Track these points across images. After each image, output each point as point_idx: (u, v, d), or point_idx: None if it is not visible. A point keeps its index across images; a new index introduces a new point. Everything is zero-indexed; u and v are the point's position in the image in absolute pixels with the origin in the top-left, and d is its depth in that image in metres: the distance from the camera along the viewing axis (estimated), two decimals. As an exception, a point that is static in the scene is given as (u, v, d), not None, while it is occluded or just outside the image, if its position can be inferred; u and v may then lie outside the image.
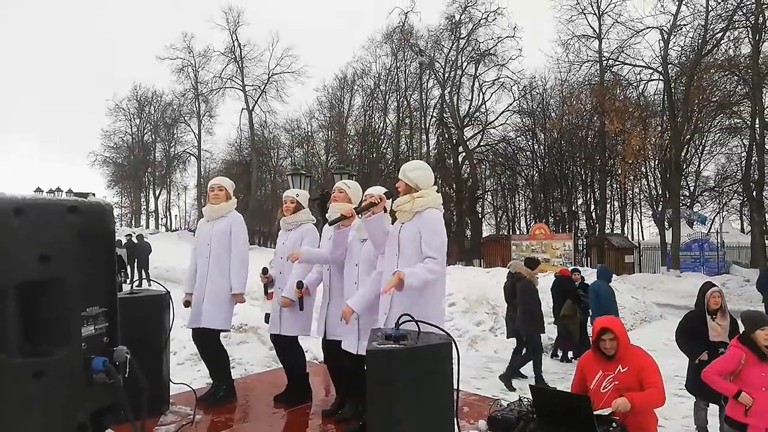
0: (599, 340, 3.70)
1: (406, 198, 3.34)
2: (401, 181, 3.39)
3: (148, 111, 48.05)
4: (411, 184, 3.36)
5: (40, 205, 1.50)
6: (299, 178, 13.69)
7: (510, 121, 34.76)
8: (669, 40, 25.30)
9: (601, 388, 3.64)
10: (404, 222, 3.34)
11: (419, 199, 3.31)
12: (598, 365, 3.72)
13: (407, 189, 3.37)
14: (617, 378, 3.60)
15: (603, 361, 3.70)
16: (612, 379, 3.62)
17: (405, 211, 3.32)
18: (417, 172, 3.40)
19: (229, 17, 39.76)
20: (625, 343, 3.65)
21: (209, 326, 4.31)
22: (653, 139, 26.90)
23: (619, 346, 3.63)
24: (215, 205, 4.38)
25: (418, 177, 3.37)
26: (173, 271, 19.83)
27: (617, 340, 3.63)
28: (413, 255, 3.23)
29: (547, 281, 11.63)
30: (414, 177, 3.37)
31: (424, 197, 3.32)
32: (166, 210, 52.99)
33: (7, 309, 1.41)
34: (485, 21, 32.69)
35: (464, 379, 2.80)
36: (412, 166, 3.45)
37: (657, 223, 29.59)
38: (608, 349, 3.65)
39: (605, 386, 3.63)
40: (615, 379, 3.60)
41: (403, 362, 2.49)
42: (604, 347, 3.67)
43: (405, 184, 3.37)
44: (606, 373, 3.66)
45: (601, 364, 3.70)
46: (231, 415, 4.26)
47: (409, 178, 3.37)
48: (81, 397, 1.51)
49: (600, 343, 3.69)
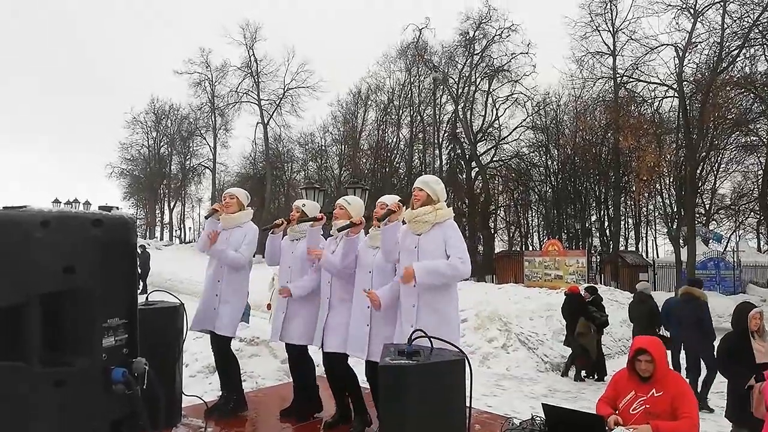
0: (635, 360, 3.56)
1: (427, 209, 3.37)
2: (422, 192, 3.42)
3: (165, 124, 48.66)
4: (433, 196, 3.41)
5: (66, 218, 1.55)
6: (313, 191, 13.78)
7: (523, 136, 34.74)
8: (684, 57, 25.18)
9: (630, 409, 3.52)
10: (421, 233, 3.36)
11: (440, 211, 3.36)
12: (632, 385, 3.58)
13: (428, 200, 3.40)
14: (649, 401, 3.47)
15: (637, 381, 3.56)
16: (644, 401, 3.48)
17: (425, 222, 3.34)
18: (440, 186, 3.48)
19: (246, 33, 40.32)
20: (662, 367, 3.51)
21: (221, 333, 4.36)
22: (668, 156, 26.68)
23: (656, 369, 3.48)
24: (231, 214, 4.45)
25: (440, 190, 3.45)
26: (187, 282, 19.97)
27: (654, 362, 3.48)
28: None
29: (558, 299, 11.57)
30: (437, 190, 3.44)
31: (443, 209, 3.38)
32: (180, 222, 53.44)
33: (31, 318, 1.45)
34: (499, 37, 32.81)
35: (476, 396, 2.80)
36: (435, 179, 3.52)
37: (672, 240, 29.25)
38: (643, 370, 3.51)
39: (635, 408, 3.51)
40: (647, 402, 3.47)
41: (416, 378, 2.50)
42: (640, 368, 3.53)
43: (426, 195, 3.41)
44: (639, 394, 3.52)
45: (636, 385, 3.57)
46: (242, 428, 4.27)
47: (433, 190, 3.43)
48: (100, 407, 1.54)
49: (636, 363, 3.55)
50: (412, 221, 3.40)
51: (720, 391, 6.93)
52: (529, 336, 11.29)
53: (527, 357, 10.51)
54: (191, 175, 48.43)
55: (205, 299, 4.44)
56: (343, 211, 4.07)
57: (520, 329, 11.40)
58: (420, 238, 3.35)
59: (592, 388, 8.89)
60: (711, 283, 23.96)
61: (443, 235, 3.30)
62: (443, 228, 3.33)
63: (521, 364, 10.27)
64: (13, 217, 1.49)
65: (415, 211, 3.39)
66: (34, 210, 1.53)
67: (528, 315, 12.26)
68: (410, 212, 3.43)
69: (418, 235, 3.37)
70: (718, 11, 24.13)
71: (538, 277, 22.82)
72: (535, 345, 11.01)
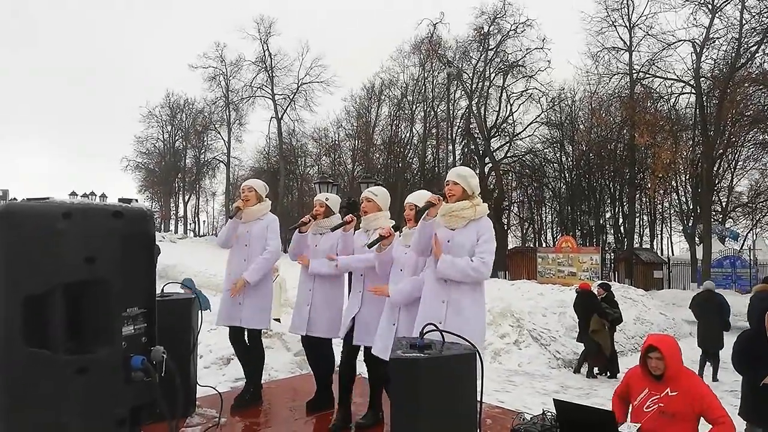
0: (646, 357, 3.52)
1: (466, 204, 3.23)
2: (457, 186, 3.27)
3: (180, 118, 49.06)
4: (469, 191, 3.27)
5: (87, 210, 1.58)
6: (326, 186, 13.81)
7: (537, 132, 34.56)
8: (701, 53, 24.87)
9: (644, 407, 3.48)
10: (455, 228, 3.24)
11: (479, 207, 3.24)
12: (645, 383, 3.54)
13: (464, 195, 3.27)
14: (663, 400, 3.42)
15: (651, 379, 3.51)
16: (657, 400, 3.44)
17: (462, 218, 3.22)
18: (475, 179, 3.32)
19: (261, 27, 40.51)
20: (675, 366, 3.44)
21: (251, 326, 4.39)
22: (684, 153, 26.40)
23: (668, 367, 3.42)
24: (251, 207, 4.46)
25: (475, 185, 3.30)
26: (201, 275, 20.15)
27: (664, 360, 3.42)
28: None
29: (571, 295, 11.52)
30: (473, 184, 3.29)
31: (481, 205, 3.26)
32: (194, 215, 53.89)
33: (54, 307, 1.49)
34: (514, 32, 32.64)
35: (487, 392, 2.80)
36: (470, 172, 3.36)
37: (687, 238, 28.97)
38: (654, 368, 3.47)
39: (649, 406, 3.46)
40: (661, 401, 3.42)
41: (428, 371, 2.51)
42: (651, 366, 3.49)
43: (462, 189, 3.27)
44: (652, 392, 3.48)
45: (649, 383, 3.52)
46: (256, 419, 4.31)
47: (469, 184, 3.28)
48: (120, 394, 1.58)
49: (647, 360, 3.51)
50: (447, 215, 3.25)
51: (734, 390, 6.88)
52: (542, 332, 11.26)
53: (539, 353, 10.49)
54: (206, 168, 48.81)
55: (229, 294, 4.42)
56: (371, 203, 4.03)
57: (533, 325, 11.38)
58: (454, 233, 3.23)
59: (604, 385, 8.86)
60: (727, 281, 23.71)
61: (477, 233, 3.19)
62: (478, 225, 3.21)
63: (533, 360, 10.26)
64: (37, 208, 1.54)
65: (453, 205, 3.24)
66: (56, 202, 1.57)
67: (541, 311, 12.23)
68: (447, 206, 3.26)
69: (452, 230, 3.25)
70: (737, 7, 23.80)
71: (551, 274, 22.71)
72: (547, 341, 10.99)
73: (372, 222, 4.04)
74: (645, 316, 14.13)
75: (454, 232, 3.25)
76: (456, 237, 3.23)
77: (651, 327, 13.48)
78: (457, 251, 3.18)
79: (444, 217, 3.27)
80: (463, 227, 3.23)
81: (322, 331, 4.26)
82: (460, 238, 3.22)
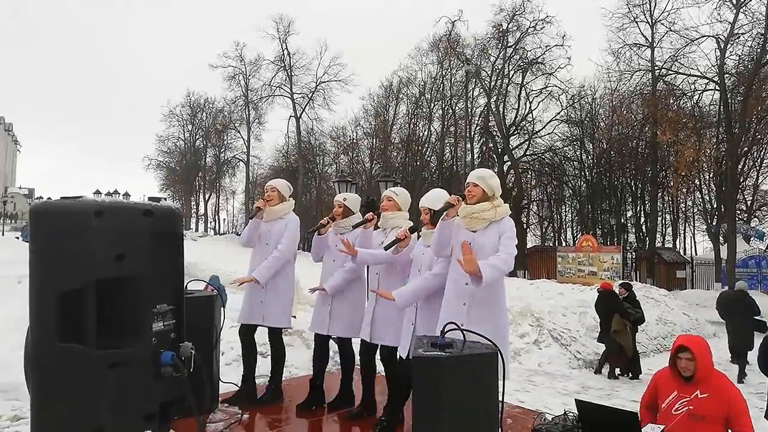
0: (676, 358, 3.42)
1: (486, 205, 3.24)
2: (477, 187, 3.27)
3: (200, 117, 49.57)
4: (489, 192, 3.27)
5: (118, 208, 1.62)
6: (345, 185, 13.87)
7: (557, 130, 34.21)
8: (726, 49, 24.38)
9: (672, 410, 3.39)
10: (477, 230, 3.24)
11: (500, 209, 3.23)
12: (674, 385, 3.45)
13: (484, 196, 3.28)
14: (693, 403, 3.33)
15: (680, 381, 3.42)
16: (687, 402, 3.35)
17: (483, 219, 3.22)
18: (495, 180, 3.32)
19: (280, 27, 40.74)
20: (705, 367, 3.35)
21: (272, 325, 4.43)
22: (708, 150, 25.92)
23: (698, 368, 3.33)
24: (273, 207, 4.50)
25: (496, 186, 3.30)
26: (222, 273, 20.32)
27: (695, 361, 3.33)
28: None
29: (592, 295, 11.40)
30: (494, 185, 3.29)
31: (502, 207, 3.26)
32: (214, 214, 54.45)
33: (87, 303, 1.53)
34: (533, 29, 32.36)
35: (507, 392, 2.78)
36: (490, 174, 3.36)
37: (711, 237, 28.47)
38: (684, 369, 3.37)
39: (678, 408, 3.37)
40: (690, 404, 3.33)
41: (449, 370, 2.52)
42: (681, 366, 3.39)
43: (482, 191, 3.27)
44: (681, 395, 3.39)
45: (678, 385, 3.42)
46: (277, 415, 4.36)
47: (489, 185, 3.28)
48: (150, 389, 1.62)
49: (677, 361, 3.41)
50: (467, 217, 3.26)
51: (760, 392, 6.76)
52: (562, 332, 11.17)
53: (559, 353, 10.41)
54: (225, 167, 49.28)
55: (251, 292, 4.47)
56: (391, 202, 4.06)
57: (553, 325, 11.29)
58: (476, 235, 3.23)
59: (626, 386, 8.77)
60: (752, 282, 23.21)
61: (499, 233, 3.19)
62: (500, 225, 3.21)
63: (553, 360, 10.18)
64: (70, 206, 1.57)
65: (473, 207, 3.25)
66: (88, 200, 1.61)
67: (561, 311, 12.12)
68: (467, 208, 3.27)
69: (474, 231, 3.24)
70: (762, 1, 23.29)
71: (572, 273, 22.49)
72: (567, 341, 10.89)
73: (389, 221, 4.08)
74: (668, 317, 13.93)
75: (475, 234, 3.24)
76: (477, 239, 3.22)
77: (674, 328, 13.29)
78: (479, 253, 3.16)
79: (465, 219, 3.27)
80: (484, 229, 3.23)
81: (342, 330, 4.30)
82: (482, 239, 3.21)
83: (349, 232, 4.31)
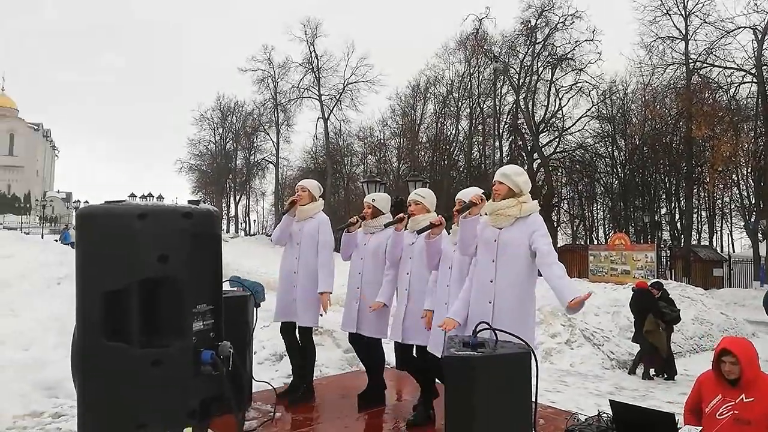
0: (720, 362, 3.31)
1: (511, 202, 3.23)
2: (502, 185, 3.27)
3: (230, 120, 50.27)
4: (515, 189, 3.26)
5: (160, 211, 1.69)
6: (374, 185, 13.95)
7: (588, 126, 33.66)
8: (763, 40, 23.67)
9: (717, 414, 3.28)
10: (502, 227, 3.24)
11: (525, 205, 3.23)
12: (719, 388, 3.33)
13: (509, 193, 3.27)
14: (738, 407, 3.21)
15: (725, 385, 3.30)
16: (732, 407, 3.23)
17: (508, 216, 3.21)
18: (522, 177, 3.30)
19: (307, 29, 40.99)
20: (751, 370, 3.23)
21: (302, 324, 4.49)
22: (746, 145, 25.20)
23: (743, 372, 3.21)
24: (303, 206, 4.56)
25: (523, 182, 3.29)
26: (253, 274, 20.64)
27: (740, 364, 3.21)
28: (511, 261, 3.19)
29: (626, 294, 11.22)
30: (520, 182, 3.27)
31: (528, 203, 3.25)
32: (245, 215, 55.25)
33: (131, 303, 1.59)
34: (562, 25, 31.88)
35: (539, 392, 2.78)
36: (516, 171, 3.34)
37: (749, 234, 27.66)
38: (728, 372, 3.26)
39: (722, 413, 3.26)
40: (735, 408, 3.22)
41: (482, 369, 2.52)
42: (724, 370, 3.27)
43: (507, 188, 3.26)
44: (726, 399, 3.28)
45: (723, 388, 3.31)
46: (309, 414, 4.41)
47: (515, 182, 3.26)
48: (191, 386, 1.67)
49: (720, 364, 3.30)
50: (493, 214, 3.26)
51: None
52: (595, 332, 11.00)
53: (592, 353, 10.26)
54: (255, 169, 49.91)
55: (283, 291, 4.55)
56: (419, 206, 4.07)
57: (585, 325, 11.13)
58: (501, 232, 3.23)
59: (661, 387, 8.59)
60: (793, 280, 22.51)
61: (527, 230, 3.18)
62: (527, 222, 3.20)
63: (586, 360, 10.04)
64: (115, 210, 1.64)
65: (498, 203, 3.25)
66: (132, 204, 1.68)
67: (593, 310, 11.93)
68: (492, 205, 3.28)
69: (500, 228, 3.24)
70: (803, -11, 22.54)
71: (604, 272, 22.12)
72: (600, 341, 10.73)
73: (420, 224, 4.07)
74: (704, 316, 13.58)
75: (501, 230, 3.25)
76: (502, 235, 3.23)
77: (710, 327, 12.97)
78: (505, 250, 3.19)
79: (490, 216, 3.29)
80: (510, 225, 3.22)
81: (371, 330, 4.33)
82: (507, 236, 3.22)
83: (379, 231, 4.35)
